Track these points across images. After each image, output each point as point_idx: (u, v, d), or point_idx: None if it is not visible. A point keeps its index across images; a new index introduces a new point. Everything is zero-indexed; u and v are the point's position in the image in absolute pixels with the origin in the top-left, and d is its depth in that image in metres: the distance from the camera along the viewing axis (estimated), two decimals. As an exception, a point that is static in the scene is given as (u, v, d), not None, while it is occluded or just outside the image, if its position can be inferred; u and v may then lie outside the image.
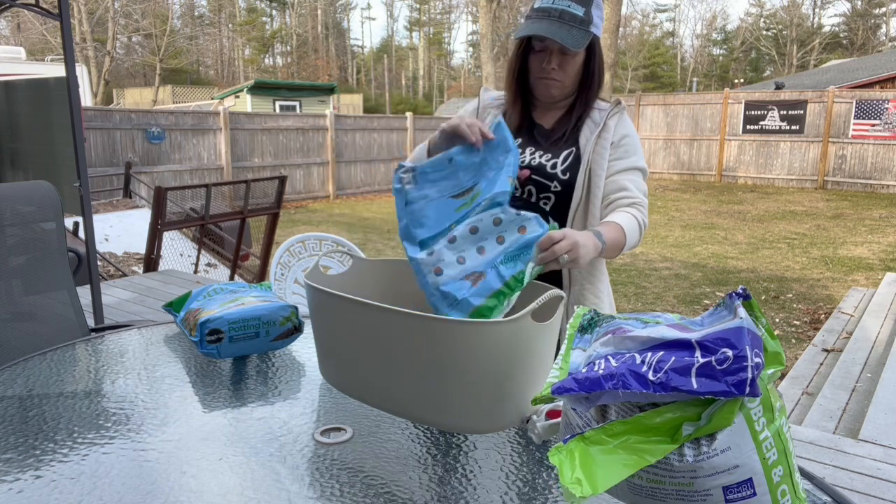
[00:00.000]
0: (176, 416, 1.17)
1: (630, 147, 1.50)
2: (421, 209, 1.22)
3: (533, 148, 1.53)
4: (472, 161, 1.25)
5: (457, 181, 1.24)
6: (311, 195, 13.49)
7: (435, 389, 1.01)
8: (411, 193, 1.24)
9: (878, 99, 13.43)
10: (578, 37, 1.39)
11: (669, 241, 8.67)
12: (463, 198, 1.22)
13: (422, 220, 1.21)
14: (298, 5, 48.15)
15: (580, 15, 1.39)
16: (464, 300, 1.13)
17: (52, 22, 9.94)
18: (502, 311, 1.13)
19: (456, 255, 1.16)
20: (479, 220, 1.18)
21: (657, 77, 48.42)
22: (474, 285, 1.13)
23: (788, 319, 5.34)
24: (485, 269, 1.14)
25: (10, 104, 5.37)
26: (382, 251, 8.19)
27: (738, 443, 0.69)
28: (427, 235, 1.21)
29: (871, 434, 2.71)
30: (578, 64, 1.47)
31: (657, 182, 15.59)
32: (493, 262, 1.15)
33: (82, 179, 3.31)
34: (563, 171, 1.49)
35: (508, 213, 1.17)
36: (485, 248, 1.16)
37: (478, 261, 1.15)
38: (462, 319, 0.97)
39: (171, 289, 4.62)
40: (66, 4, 3.16)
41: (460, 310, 1.14)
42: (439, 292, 1.15)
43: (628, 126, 1.52)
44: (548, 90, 1.49)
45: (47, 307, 1.92)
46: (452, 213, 1.21)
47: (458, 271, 1.15)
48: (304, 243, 2.98)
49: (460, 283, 1.14)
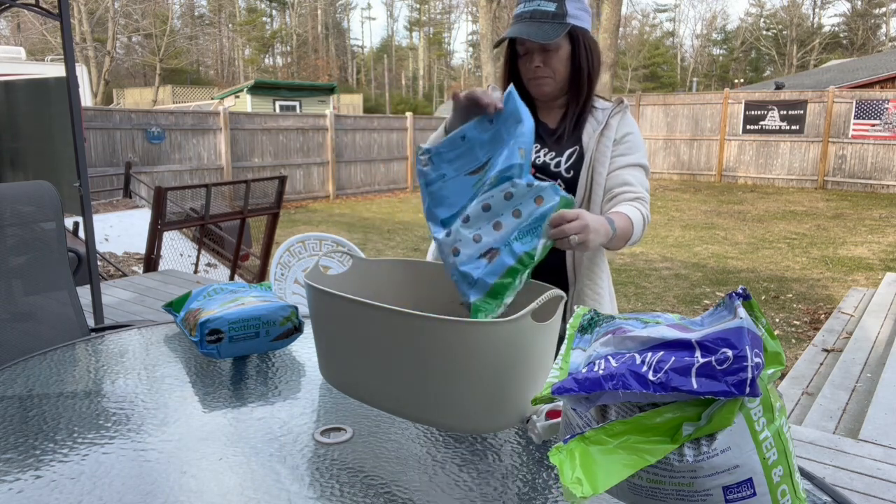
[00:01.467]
0: (176, 416, 1.17)
1: (633, 144, 1.51)
2: (440, 189, 1.22)
3: (538, 146, 1.54)
4: (485, 136, 1.24)
5: (472, 157, 1.24)
6: (311, 195, 13.49)
7: (435, 389, 1.01)
8: (430, 175, 1.24)
9: (878, 99, 13.43)
10: (550, 30, 1.41)
11: (669, 241, 8.67)
12: (479, 174, 1.21)
13: (441, 199, 1.22)
14: (298, 5, 48.15)
15: (551, 10, 1.42)
16: (480, 280, 1.12)
17: (52, 22, 9.95)
18: (517, 288, 1.12)
19: (472, 234, 1.16)
20: (491, 197, 1.16)
21: (657, 77, 48.43)
22: (490, 263, 1.13)
23: (788, 319, 5.34)
24: (500, 246, 1.13)
25: (10, 104, 5.37)
26: (382, 251, 8.19)
27: (738, 443, 0.69)
28: (447, 214, 1.21)
29: (871, 434, 2.71)
30: (564, 58, 1.47)
31: (657, 182, 15.58)
32: (507, 237, 1.13)
33: (82, 179, 3.31)
34: (566, 170, 1.50)
35: (519, 186, 1.15)
36: (501, 223, 1.15)
37: (493, 237, 1.14)
38: (462, 319, 0.97)
39: (171, 289, 4.62)
40: (66, 4, 3.16)
41: (478, 289, 1.13)
42: (458, 273, 1.15)
43: (631, 124, 1.53)
44: (540, 89, 1.51)
45: (47, 307, 1.92)
46: (470, 189, 1.20)
47: (475, 250, 1.15)
48: (304, 243, 2.98)
49: (477, 262, 1.14)
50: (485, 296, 1.13)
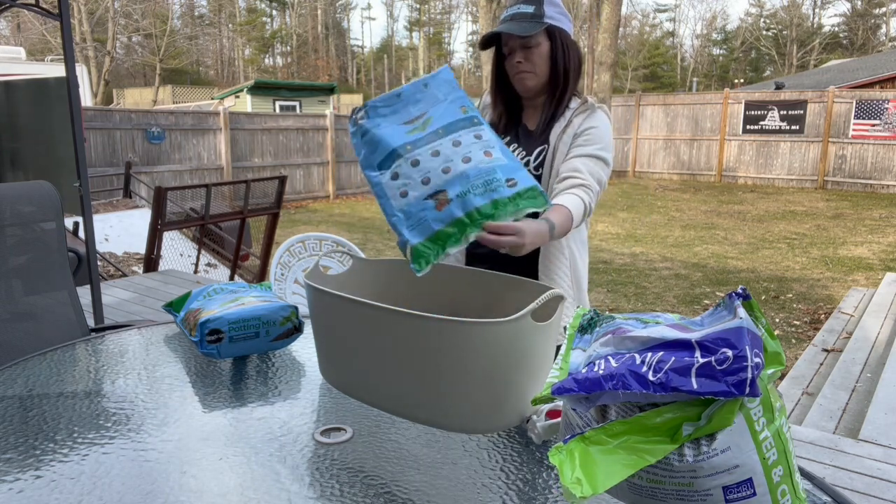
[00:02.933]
0: (176, 416, 1.17)
1: (593, 137, 1.57)
2: (374, 136, 1.25)
3: (515, 145, 1.65)
4: (419, 96, 1.29)
5: (406, 112, 1.28)
6: (311, 195, 13.49)
7: (435, 389, 1.01)
8: (364, 126, 1.27)
9: (878, 99, 13.43)
10: (528, 27, 1.53)
11: (669, 241, 8.67)
12: (413, 123, 1.25)
13: (376, 144, 1.24)
14: (298, 5, 48.14)
15: (530, 11, 1.55)
16: (424, 222, 1.14)
17: (52, 22, 9.95)
18: (460, 243, 1.13)
19: (421, 177, 1.17)
20: (440, 145, 1.20)
21: (657, 77, 48.41)
22: (438, 209, 1.14)
23: (788, 319, 5.35)
24: (448, 190, 1.15)
25: (10, 104, 5.37)
26: (382, 251, 8.19)
27: (738, 443, 0.69)
28: (382, 156, 1.22)
29: (871, 434, 2.71)
30: (544, 54, 1.58)
31: (657, 182, 15.59)
32: (459, 184, 1.15)
33: (82, 179, 3.31)
34: (535, 168, 1.61)
35: (467, 137, 1.21)
36: (450, 168, 1.17)
37: (442, 179, 1.16)
38: (462, 319, 0.97)
39: (171, 289, 4.62)
40: (66, 4, 3.16)
41: (420, 231, 1.14)
42: (402, 213, 1.16)
43: (597, 120, 1.59)
44: (523, 83, 1.61)
45: (47, 307, 1.92)
46: (404, 135, 1.23)
47: (423, 192, 1.16)
48: (304, 243, 2.98)
49: (424, 202, 1.15)
50: (426, 239, 1.13)
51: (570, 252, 1.64)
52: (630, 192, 13.89)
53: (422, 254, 1.12)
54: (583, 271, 1.69)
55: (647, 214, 10.96)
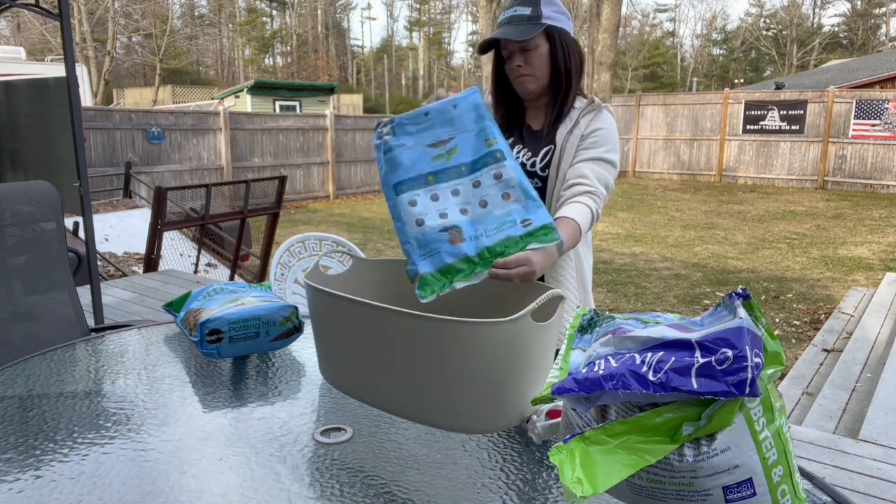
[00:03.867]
0: (176, 416, 1.17)
1: (600, 139, 1.56)
2: (397, 156, 1.25)
3: (520, 146, 1.62)
4: (447, 117, 1.28)
5: (433, 134, 1.28)
6: (311, 195, 13.49)
7: (435, 389, 1.01)
8: (390, 143, 1.27)
9: (878, 99, 13.43)
10: (525, 30, 1.51)
11: (669, 241, 8.67)
12: (438, 148, 1.25)
13: (398, 165, 1.24)
14: (298, 5, 48.13)
15: (527, 13, 1.53)
16: (437, 253, 1.15)
17: (52, 22, 9.95)
18: (469, 279, 1.15)
19: (439, 211, 1.19)
20: (460, 183, 1.22)
21: (657, 77, 48.42)
22: (452, 243, 1.16)
23: (788, 319, 5.35)
24: (465, 231, 1.17)
25: (10, 104, 5.37)
26: (382, 251, 8.19)
27: (738, 443, 0.69)
28: (402, 178, 1.23)
29: (871, 434, 2.71)
30: (543, 56, 1.56)
31: (657, 182, 15.59)
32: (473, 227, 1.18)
33: (82, 179, 3.31)
34: (541, 168, 1.58)
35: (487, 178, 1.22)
36: (468, 209, 1.20)
37: (459, 218, 1.18)
38: (462, 319, 0.97)
39: (171, 289, 4.62)
40: (66, 4, 3.16)
41: (432, 262, 1.15)
42: (416, 241, 1.18)
43: (603, 121, 1.57)
44: (524, 87, 1.59)
45: (47, 307, 1.92)
46: (428, 161, 1.24)
47: (439, 224, 1.18)
48: (304, 243, 2.98)
49: (439, 234, 1.17)
50: (436, 270, 1.14)
51: (576, 255, 1.63)
52: (630, 192, 13.89)
53: (429, 283, 1.14)
54: (588, 274, 1.68)
55: (647, 214, 10.96)
